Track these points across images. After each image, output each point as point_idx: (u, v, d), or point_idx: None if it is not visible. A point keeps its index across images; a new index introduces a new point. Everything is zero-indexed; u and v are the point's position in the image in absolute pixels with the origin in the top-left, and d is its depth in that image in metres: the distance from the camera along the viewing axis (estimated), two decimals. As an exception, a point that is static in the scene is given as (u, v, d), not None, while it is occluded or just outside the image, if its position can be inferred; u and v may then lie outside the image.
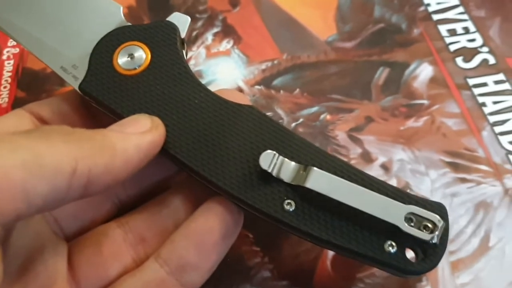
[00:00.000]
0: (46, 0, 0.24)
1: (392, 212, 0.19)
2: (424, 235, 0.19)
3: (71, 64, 0.23)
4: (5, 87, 0.33)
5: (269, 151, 0.20)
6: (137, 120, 0.20)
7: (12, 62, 0.34)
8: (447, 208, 0.22)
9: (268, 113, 0.31)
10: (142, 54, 0.22)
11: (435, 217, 0.19)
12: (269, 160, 0.20)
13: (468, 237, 0.26)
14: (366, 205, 0.19)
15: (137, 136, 0.19)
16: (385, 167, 0.28)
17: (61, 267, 0.20)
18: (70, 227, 0.22)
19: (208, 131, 0.21)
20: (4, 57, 0.34)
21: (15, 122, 0.22)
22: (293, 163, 0.20)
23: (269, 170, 0.20)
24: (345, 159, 0.28)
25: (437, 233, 0.19)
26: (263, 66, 0.33)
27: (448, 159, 0.28)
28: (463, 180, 0.28)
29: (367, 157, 0.29)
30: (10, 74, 0.33)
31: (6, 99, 0.32)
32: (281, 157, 0.20)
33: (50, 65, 0.23)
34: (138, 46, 0.22)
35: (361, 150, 0.29)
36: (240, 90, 0.32)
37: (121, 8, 0.24)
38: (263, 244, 0.26)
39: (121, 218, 0.23)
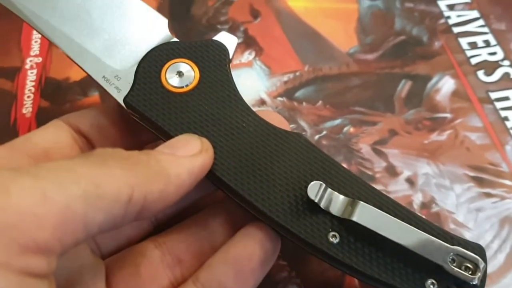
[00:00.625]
0: (92, 8, 0.24)
1: (437, 251, 0.19)
2: (467, 277, 0.19)
3: (114, 74, 0.23)
4: (28, 97, 0.33)
5: (317, 181, 0.20)
6: (188, 142, 0.20)
7: (35, 71, 0.34)
8: (473, 223, 0.23)
9: (291, 125, 0.31)
10: (191, 73, 0.22)
11: (478, 259, 0.19)
12: (316, 190, 0.20)
13: (494, 253, 0.26)
14: (412, 243, 0.19)
15: (189, 160, 0.19)
16: (410, 181, 0.28)
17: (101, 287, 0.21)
18: (107, 245, 0.22)
19: (255, 156, 0.21)
20: (27, 66, 0.34)
21: (54, 135, 0.22)
22: (341, 196, 0.20)
23: (316, 201, 0.20)
24: (369, 173, 0.28)
25: (479, 274, 0.19)
26: (285, 78, 0.33)
27: (472, 174, 0.29)
28: (488, 195, 0.28)
29: (391, 171, 0.29)
30: (33, 83, 0.33)
31: (30, 109, 0.32)
32: (329, 189, 0.20)
33: (91, 74, 0.23)
34: (187, 63, 0.22)
35: (385, 163, 0.29)
36: (263, 102, 0.32)
37: (167, 22, 0.24)
38: (290, 258, 0.26)
39: (158, 238, 0.23)
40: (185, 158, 0.19)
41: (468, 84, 0.32)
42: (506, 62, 0.33)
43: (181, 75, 0.22)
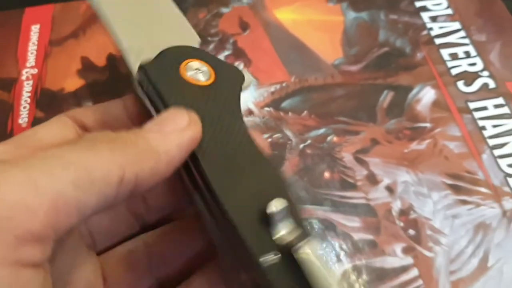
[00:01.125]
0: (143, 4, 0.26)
1: None
2: None
3: (140, 49, 0.23)
4: (24, 107, 0.34)
5: (282, 199, 0.20)
6: (175, 116, 0.20)
7: (31, 82, 0.35)
8: (448, 229, 0.24)
9: (277, 134, 0.32)
10: (207, 75, 0.23)
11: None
12: (275, 208, 0.20)
13: (468, 257, 0.27)
14: None
15: (177, 135, 0.19)
16: (390, 189, 0.30)
17: (99, 284, 0.22)
18: (102, 241, 0.23)
19: (237, 160, 0.21)
20: (23, 77, 0.36)
21: (59, 130, 0.22)
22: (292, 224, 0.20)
23: (272, 217, 0.20)
24: (351, 181, 0.30)
25: None
26: (272, 89, 0.34)
27: (449, 182, 0.30)
28: (464, 202, 0.29)
29: (372, 179, 0.30)
30: (29, 94, 0.35)
31: (26, 119, 0.33)
32: (286, 211, 0.20)
33: (121, 38, 0.23)
34: (207, 67, 0.23)
35: (366, 172, 0.30)
36: (251, 112, 0.33)
37: (199, 41, 0.25)
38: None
39: (146, 237, 0.24)
40: (173, 134, 0.19)
41: (448, 94, 0.34)
42: (485, 73, 0.35)
43: (198, 72, 0.23)
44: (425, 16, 0.38)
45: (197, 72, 0.23)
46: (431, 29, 0.37)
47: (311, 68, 0.35)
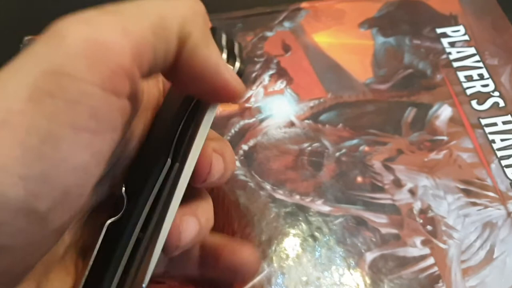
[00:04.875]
0: None
1: None
2: None
3: None
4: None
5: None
6: None
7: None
8: (460, 226, 0.30)
9: (316, 144, 0.38)
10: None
11: None
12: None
13: (476, 250, 0.33)
14: None
15: None
16: (412, 192, 0.35)
17: None
18: None
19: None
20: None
21: None
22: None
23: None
24: (380, 184, 0.36)
25: None
26: (311, 104, 0.40)
27: (462, 186, 0.36)
28: (474, 204, 0.35)
29: (397, 183, 0.36)
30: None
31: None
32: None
33: None
34: None
35: (393, 177, 0.36)
36: (292, 123, 0.39)
37: None
38: (315, 252, 0.33)
39: None
40: None
41: (463, 111, 0.39)
42: (496, 93, 0.40)
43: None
44: (444, 41, 0.44)
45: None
46: (449, 53, 0.43)
47: (345, 86, 0.41)
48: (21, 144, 0.16)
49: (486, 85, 0.41)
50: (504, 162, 0.37)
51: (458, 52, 0.43)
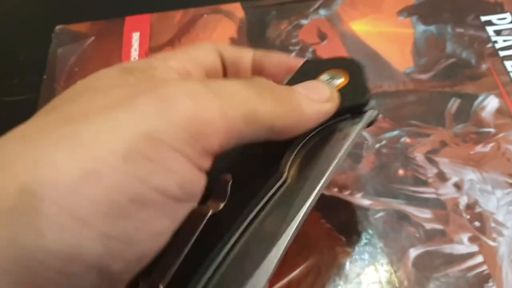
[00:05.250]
0: None
1: None
2: None
3: None
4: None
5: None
6: (319, 89, 0.23)
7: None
8: (511, 223, 0.28)
9: (354, 135, 0.36)
10: (341, 80, 0.26)
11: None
12: None
13: (529, 248, 0.31)
14: None
15: (319, 105, 0.23)
16: (458, 186, 0.33)
17: None
18: None
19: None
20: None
21: (209, 54, 0.26)
22: None
23: None
24: (423, 178, 0.34)
25: None
26: (349, 94, 0.38)
27: (511, 181, 0.33)
28: (525, 200, 0.33)
29: (441, 177, 0.34)
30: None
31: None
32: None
33: None
34: (341, 73, 0.26)
35: (436, 170, 0.34)
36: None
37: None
38: (355, 247, 0.31)
39: None
40: (316, 103, 0.23)
41: (511, 102, 0.37)
42: (546, 84, 0.38)
43: (332, 79, 0.26)
44: (490, 30, 0.41)
45: (330, 79, 0.26)
46: (495, 42, 0.41)
47: (384, 75, 0.39)
48: (109, 201, 0.16)
49: (535, 75, 0.39)
50: (556, 156, 0.34)
51: (504, 40, 0.41)
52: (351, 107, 0.25)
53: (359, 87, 0.26)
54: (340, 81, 0.26)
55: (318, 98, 0.23)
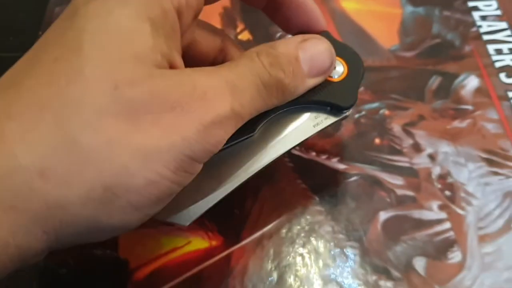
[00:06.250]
0: None
1: None
2: None
3: None
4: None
5: None
6: (325, 60, 0.24)
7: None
8: (480, 194, 0.29)
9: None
10: (341, 71, 0.27)
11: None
12: None
13: (495, 218, 0.32)
14: None
15: (314, 80, 0.24)
16: (432, 157, 0.34)
17: None
18: None
19: None
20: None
21: None
22: None
23: None
24: (398, 147, 0.35)
25: None
26: (334, 66, 0.39)
27: (484, 155, 0.34)
28: (495, 173, 0.34)
29: (417, 148, 0.35)
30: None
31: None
32: None
33: None
34: (341, 63, 0.27)
35: (412, 141, 0.35)
36: (314, 84, 0.38)
37: None
38: (327, 206, 0.32)
39: None
40: (311, 79, 0.24)
41: (490, 83, 0.38)
42: (526, 68, 0.39)
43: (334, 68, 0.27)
44: (475, 15, 0.42)
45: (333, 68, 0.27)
46: (480, 26, 0.42)
47: (370, 51, 0.40)
48: None
49: (516, 59, 0.40)
50: (529, 135, 0.35)
51: (489, 25, 0.42)
52: (335, 104, 0.27)
53: (351, 90, 0.27)
54: (340, 72, 0.27)
55: (317, 71, 0.24)
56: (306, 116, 0.27)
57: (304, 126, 0.27)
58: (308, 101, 0.26)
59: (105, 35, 0.19)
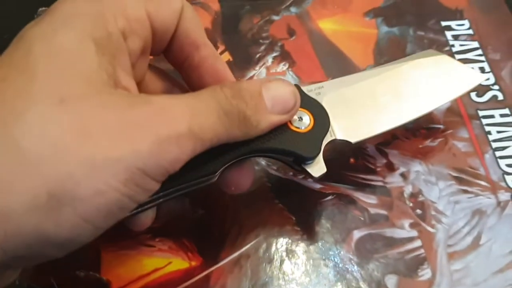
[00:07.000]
0: None
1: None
2: None
3: None
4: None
5: None
6: (288, 102, 0.25)
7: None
8: (450, 212, 0.30)
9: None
10: (308, 122, 0.28)
11: None
12: None
13: (464, 235, 0.33)
14: None
15: (277, 118, 0.25)
16: (404, 176, 0.36)
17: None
18: None
19: None
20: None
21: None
22: None
23: None
24: (372, 166, 0.36)
25: None
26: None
27: (454, 174, 0.36)
28: (465, 191, 0.35)
29: (390, 167, 0.36)
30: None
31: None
32: None
33: None
34: (308, 115, 0.28)
35: (385, 160, 0.36)
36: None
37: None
38: (303, 225, 0.33)
39: None
40: (275, 116, 0.24)
41: (461, 102, 0.40)
42: (496, 87, 0.40)
43: (301, 120, 0.28)
44: (448, 34, 0.44)
45: (299, 120, 0.28)
46: (453, 45, 0.43)
47: (345, 71, 0.41)
48: None
49: (487, 79, 0.41)
50: (498, 153, 0.37)
51: (461, 45, 0.43)
52: (299, 155, 0.28)
53: (316, 142, 0.28)
54: (307, 124, 0.28)
55: (281, 108, 0.25)
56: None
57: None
58: (271, 149, 0.27)
59: (51, 56, 0.19)
